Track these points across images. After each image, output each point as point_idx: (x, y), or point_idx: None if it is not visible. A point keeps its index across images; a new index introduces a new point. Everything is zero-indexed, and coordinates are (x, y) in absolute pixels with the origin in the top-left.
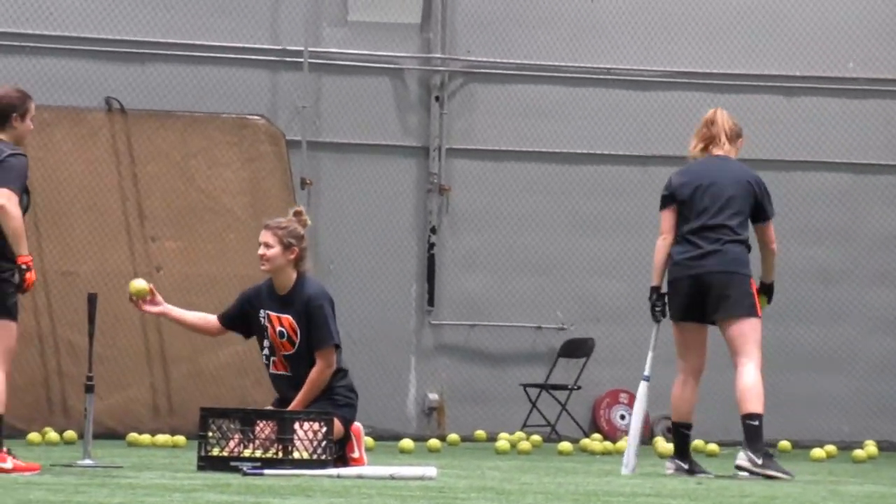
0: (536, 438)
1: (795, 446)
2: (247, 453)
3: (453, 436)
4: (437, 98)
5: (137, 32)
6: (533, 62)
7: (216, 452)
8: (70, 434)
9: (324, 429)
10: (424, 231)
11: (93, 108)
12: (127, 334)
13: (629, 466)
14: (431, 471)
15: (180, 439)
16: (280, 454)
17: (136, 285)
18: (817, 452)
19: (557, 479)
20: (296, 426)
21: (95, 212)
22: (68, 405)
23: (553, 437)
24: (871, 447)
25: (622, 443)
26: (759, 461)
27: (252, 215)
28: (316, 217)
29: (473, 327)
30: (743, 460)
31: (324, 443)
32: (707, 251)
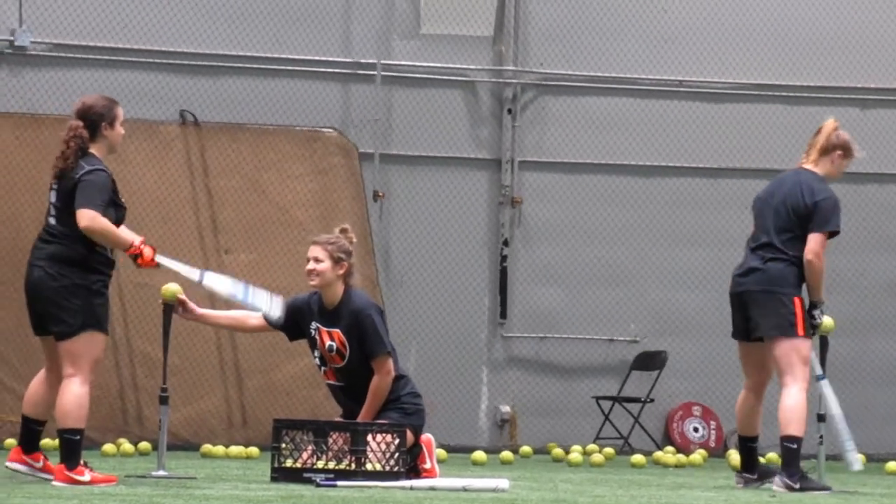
0: (609, 451)
1: (870, 459)
2: (320, 465)
3: (526, 448)
4: (510, 110)
5: (211, 46)
6: (604, 74)
7: (289, 464)
8: (144, 445)
9: (396, 440)
10: (496, 243)
11: (167, 121)
12: (201, 346)
13: (855, 464)
14: (504, 483)
15: (254, 451)
16: (353, 466)
17: (168, 289)
18: (892, 466)
19: (630, 492)
20: (368, 438)
21: (169, 224)
22: (143, 416)
23: (626, 450)
24: None
25: (695, 455)
26: (797, 485)
27: (324, 228)
28: (388, 230)
29: (545, 339)
30: (779, 486)
31: (396, 454)
32: (750, 268)
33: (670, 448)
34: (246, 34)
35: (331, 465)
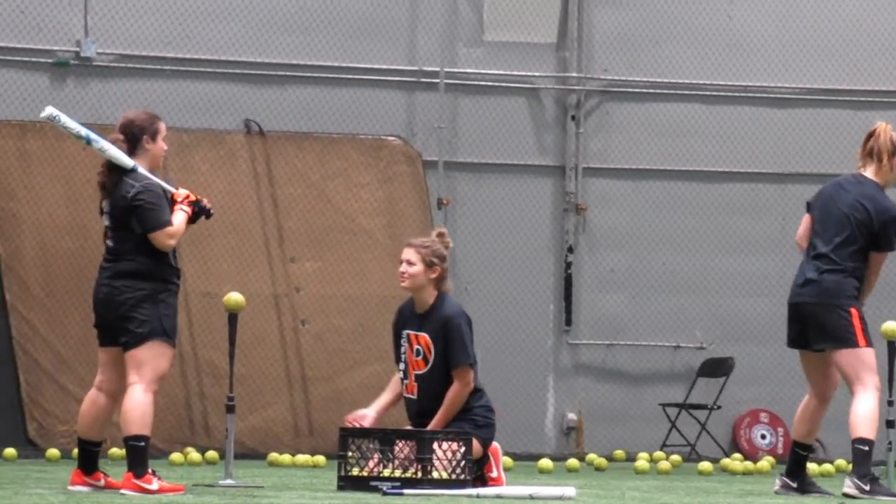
0: (676, 458)
1: None
2: (386, 473)
3: (592, 455)
4: (574, 117)
5: (276, 55)
6: (669, 80)
7: (356, 472)
8: (212, 454)
9: (462, 448)
10: (561, 250)
11: (232, 131)
12: (267, 355)
13: None
14: (571, 490)
15: (320, 459)
16: (419, 474)
17: (232, 298)
18: None
19: (697, 499)
20: (434, 446)
21: (235, 233)
22: (210, 425)
23: (693, 457)
24: None
25: (763, 462)
26: (867, 487)
27: (389, 236)
28: (452, 237)
29: (611, 346)
30: (850, 488)
31: (462, 462)
32: (807, 279)
33: (738, 455)
34: (310, 44)
35: (397, 474)
